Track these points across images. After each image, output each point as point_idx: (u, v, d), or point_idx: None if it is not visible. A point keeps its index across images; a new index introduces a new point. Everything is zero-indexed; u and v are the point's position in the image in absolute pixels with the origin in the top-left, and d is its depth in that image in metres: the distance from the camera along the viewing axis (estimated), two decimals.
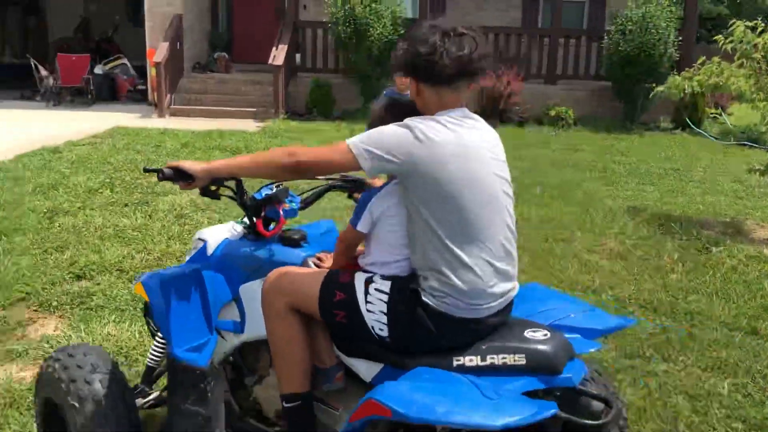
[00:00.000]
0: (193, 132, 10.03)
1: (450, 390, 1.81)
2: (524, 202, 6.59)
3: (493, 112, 12.08)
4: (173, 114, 12.05)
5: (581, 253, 5.16)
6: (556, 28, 13.21)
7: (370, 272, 2.10)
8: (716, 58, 5.95)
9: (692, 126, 12.40)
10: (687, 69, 6.31)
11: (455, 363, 1.93)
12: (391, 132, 1.99)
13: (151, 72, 11.63)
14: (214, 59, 13.96)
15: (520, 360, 1.90)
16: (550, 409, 1.72)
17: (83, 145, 8.82)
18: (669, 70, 12.16)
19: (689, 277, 4.70)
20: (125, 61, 14.29)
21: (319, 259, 2.34)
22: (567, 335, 2.02)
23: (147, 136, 9.63)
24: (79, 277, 4.28)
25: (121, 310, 3.80)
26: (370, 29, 11.65)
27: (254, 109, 12.28)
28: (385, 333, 2.00)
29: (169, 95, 12.20)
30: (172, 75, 12.33)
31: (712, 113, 13.48)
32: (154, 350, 2.69)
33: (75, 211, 5.72)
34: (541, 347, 1.92)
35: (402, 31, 12.15)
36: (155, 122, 11.20)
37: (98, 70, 13.88)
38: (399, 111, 2.11)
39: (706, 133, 12.17)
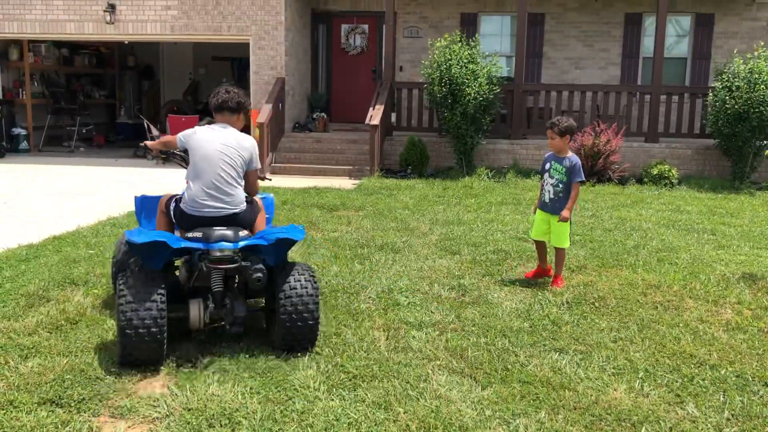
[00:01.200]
0: (292, 189, 10.32)
1: (154, 234, 3.92)
2: (628, 266, 6.33)
3: (592, 170, 11.82)
4: (273, 172, 12.48)
5: (694, 323, 4.85)
6: (657, 85, 12.87)
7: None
8: None
9: None
10: None
11: (186, 235, 4.13)
12: (188, 130, 4.37)
13: (255, 132, 12.13)
14: (313, 119, 14.44)
15: (198, 235, 4.08)
16: (163, 239, 3.88)
17: None
18: None
19: None
20: None
21: None
22: (260, 237, 4.14)
23: None
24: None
25: (224, 371, 3.86)
26: (466, 89, 11.74)
27: (350, 167, 12.56)
28: (175, 221, 4.35)
29: (270, 154, 12.67)
30: (273, 134, 12.83)
31: None
32: None
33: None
34: (208, 231, 4.07)
35: (497, 90, 12.21)
36: None
37: None
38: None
39: None
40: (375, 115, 12.32)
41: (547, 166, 5.76)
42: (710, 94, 12.21)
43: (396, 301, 5.14)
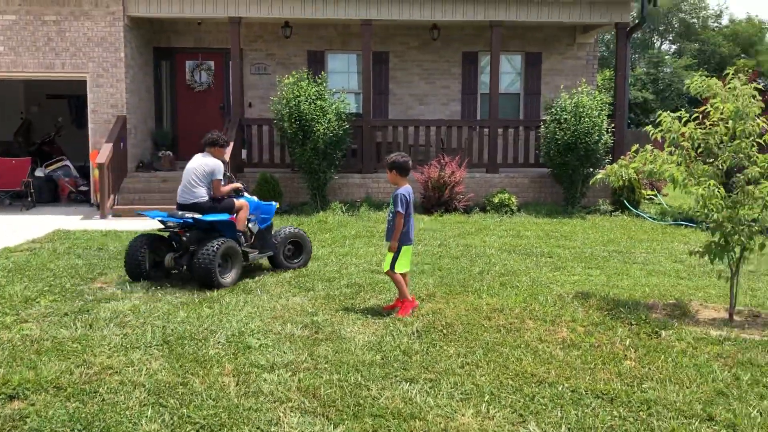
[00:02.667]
0: (135, 232, 9.81)
1: (146, 212, 7.19)
2: (474, 292, 6.60)
3: (439, 201, 12.30)
4: (116, 214, 11.85)
5: (534, 343, 5.13)
6: (494, 119, 13.69)
7: None
8: (649, 146, 6.21)
9: (631, 208, 12.84)
10: (623, 156, 6.56)
11: (177, 213, 7.10)
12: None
13: (94, 173, 11.48)
14: (159, 157, 13.92)
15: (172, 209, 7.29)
16: (143, 213, 7.25)
17: (21, 251, 8.52)
18: (605, 155, 12.73)
19: (642, 364, 4.72)
20: (67, 162, 14.10)
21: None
22: (193, 219, 6.94)
23: (89, 238, 9.40)
24: (11, 398, 4.01)
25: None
26: (316, 125, 11.86)
27: None
28: None
29: (112, 196, 12.04)
30: (115, 175, 12.22)
31: (648, 195, 14.06)
32: None
33: (10, 323, 5.45)
34: (175, 210, 7.14)
35: (347, 125, 12.45)
36: (97, 224, 10.98)
37: (39, 172, 13.64)
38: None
39: (644, 215, 12.60)
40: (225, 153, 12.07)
41: None
42: (542, 126, 13.17)
43: (247, 344, 5.01)
